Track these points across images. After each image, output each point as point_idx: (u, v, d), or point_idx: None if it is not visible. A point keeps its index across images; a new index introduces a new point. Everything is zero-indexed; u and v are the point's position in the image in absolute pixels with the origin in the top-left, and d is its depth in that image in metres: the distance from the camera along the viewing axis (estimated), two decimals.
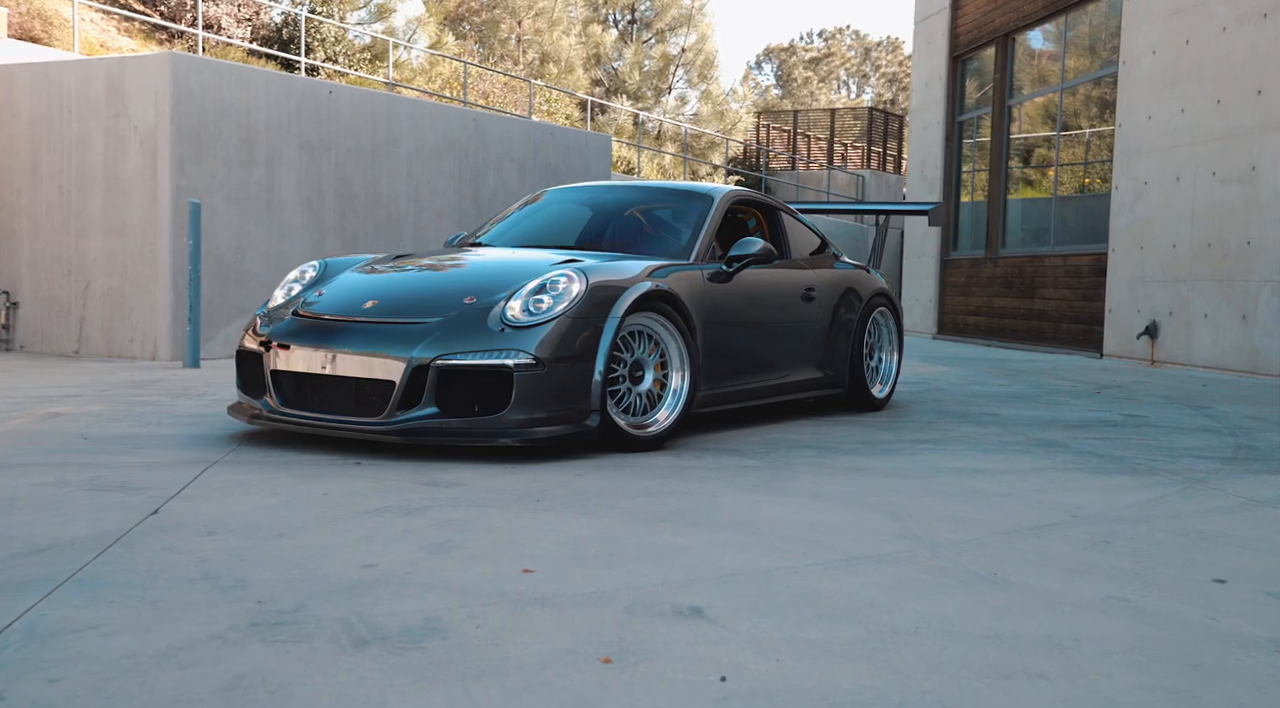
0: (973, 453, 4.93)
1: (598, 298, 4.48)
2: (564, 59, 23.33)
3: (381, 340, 4.36)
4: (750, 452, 4.83)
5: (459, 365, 4.26)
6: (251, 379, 4.74)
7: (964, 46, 15.32)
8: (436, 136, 10.48)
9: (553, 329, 4.33)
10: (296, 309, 4.68)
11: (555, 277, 4.52)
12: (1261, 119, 9.21)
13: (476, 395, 4.30)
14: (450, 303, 4.47)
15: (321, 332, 4.50)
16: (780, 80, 64.60)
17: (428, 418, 4.27)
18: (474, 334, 4.31)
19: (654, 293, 4.68)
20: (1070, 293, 12.34)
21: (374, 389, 4.33)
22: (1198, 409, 6.84)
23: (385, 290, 4.70)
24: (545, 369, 4.28)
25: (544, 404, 4.32)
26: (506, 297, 4.44)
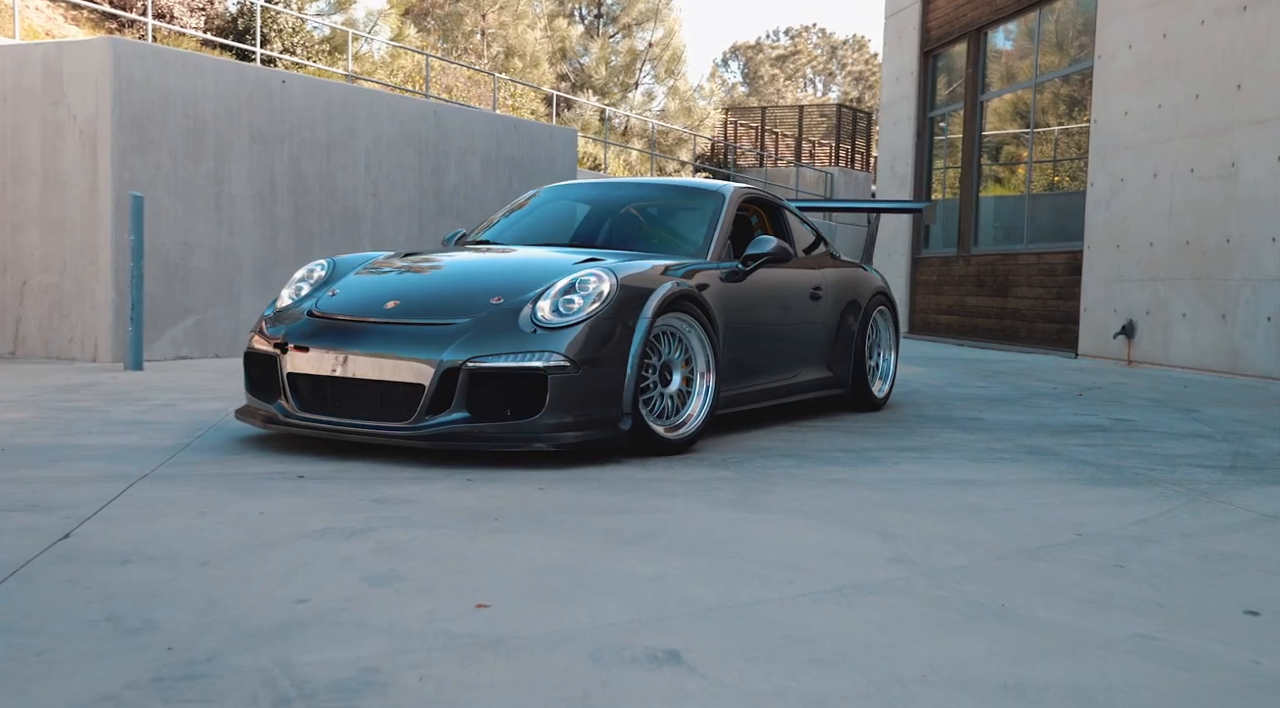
0: (961, 462, 4.64)
1: (628, 298, 4.36)
2: (529, 53, 22.93)
3: (408, 342, 4.21)
4: (724, 462, 4.52)
5: (491, 368, 4.12)
6: (262, 382, 4.56)
7: (935, 41, 15.10)
8: (395, 128, 10.11)
9: (585, 330, 4.20)
10: (311, 310, 4.51)
11: (584, 276, 4.38)
12: (1241, 114, 9.01)
13: (508, 399, 4.16)
14: (477, 303, 4.33)
15: (341, 333, 4.34)
16: (747, 78, 64.46)
17: (458, 423, 4.13)
18: (505, 336, 4.17)
19: (683, 293, 4.59)
20: (1044, 292, 12.13)
21: (401, 393, 4.18)
22: (1185, 413, 6.60)
23: (406, 290, 4.55)
24: (579, 371, 4.15)
25: (577, 408, 4.19)
26: (535, 297, 4.31)
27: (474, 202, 10.94)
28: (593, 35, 26.81)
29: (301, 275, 4.88)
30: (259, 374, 4.59)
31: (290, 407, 4.38)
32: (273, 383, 4.50)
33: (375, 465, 4.21)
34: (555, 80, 25.27)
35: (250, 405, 4.65)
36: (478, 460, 4.32)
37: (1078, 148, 12.17)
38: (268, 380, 4.53)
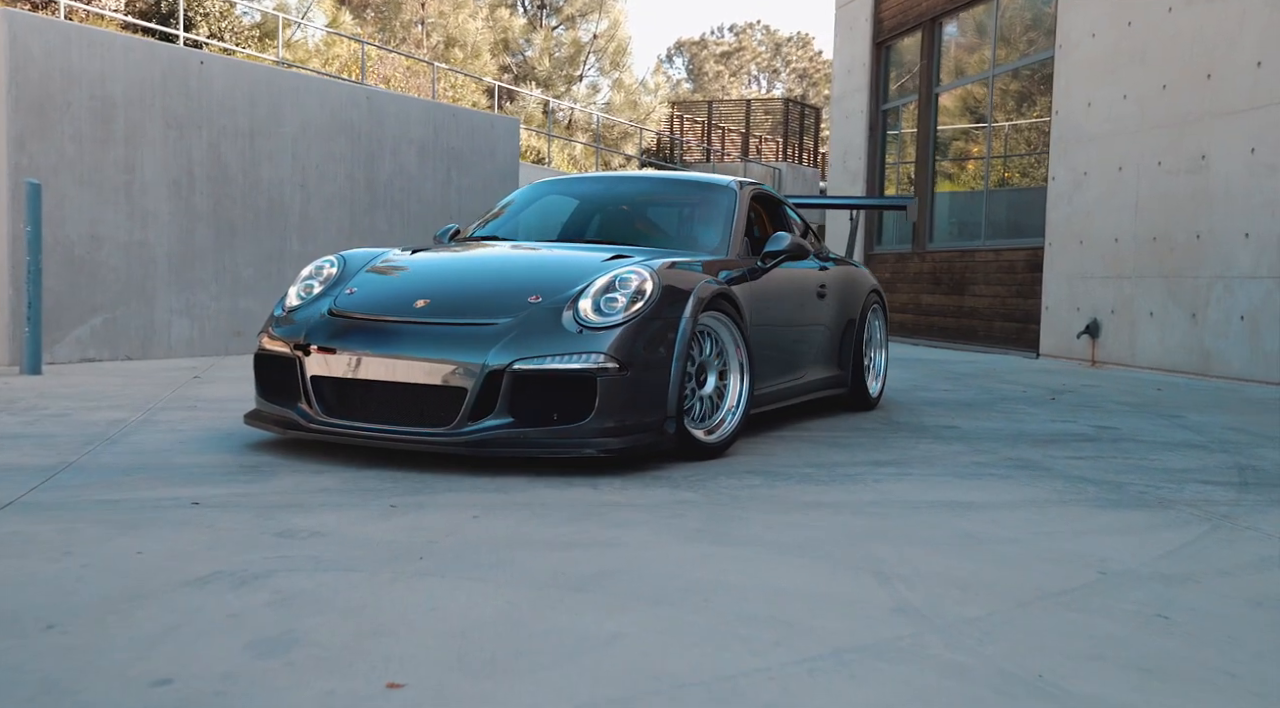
0: (945, 480, 4.18)
1: (669, 296, 4.20)
2: (470, 44, 22.24)
3: (446, 343, 4.01)
4: (685, 481, 4.02)
5: (539, 370, 3.93)
6: (277, 386, 4.34)
7: (888, 32, 14.72)
8: (325, 115, 9.48)
9: (630, 330, 4.03)
10: (330, 309, 4.30)
11: (624, 274, 4.20)
12: (1211, 105, 8.67)
13: (554, 403, 3.97)
14: (514, 302, 4.13)
15: (371, 334, 4.13)
16: (691, 74, 64.19)
17: (502, 428, 3.93)
18: (550, 336, 3.98)
19: (719, 291, 4.45)
20: (1003, 290, 11.77)
21: (440, 397, 3.97)
22: (1169, 419, 6.21)
23: (434, 289, 4.34)
24: (627, 373, 3.98)
25: (625, 411, 4.01)
26: (575, 296, 4.13)
27: (410, 194, 10.35)
28: (536, 26, 26.17)
29: (309, 273, 4.63)
30: (273, 377, 4.36)
31: (314, 412, 4.15)
32: (290, 387, 4.26)
33: (285, 489, 3.66)
34: (498, 72, 24.61)
35: (263, 411, 4.40)
36: (404, 491, 3.78)
37: (1038, 141, 11.83)
38: (284, 384, 4.29)
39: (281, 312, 4.47)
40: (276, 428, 4.31)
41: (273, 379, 4.38)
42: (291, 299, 4.53)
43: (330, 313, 4.29)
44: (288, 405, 4.27)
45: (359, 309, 4.28)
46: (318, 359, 4.15)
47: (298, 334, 4.25)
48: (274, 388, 4.38)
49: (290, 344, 4.25)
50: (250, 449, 4.43)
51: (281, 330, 4.35)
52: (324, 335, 4.19)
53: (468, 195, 10.96)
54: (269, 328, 4.43)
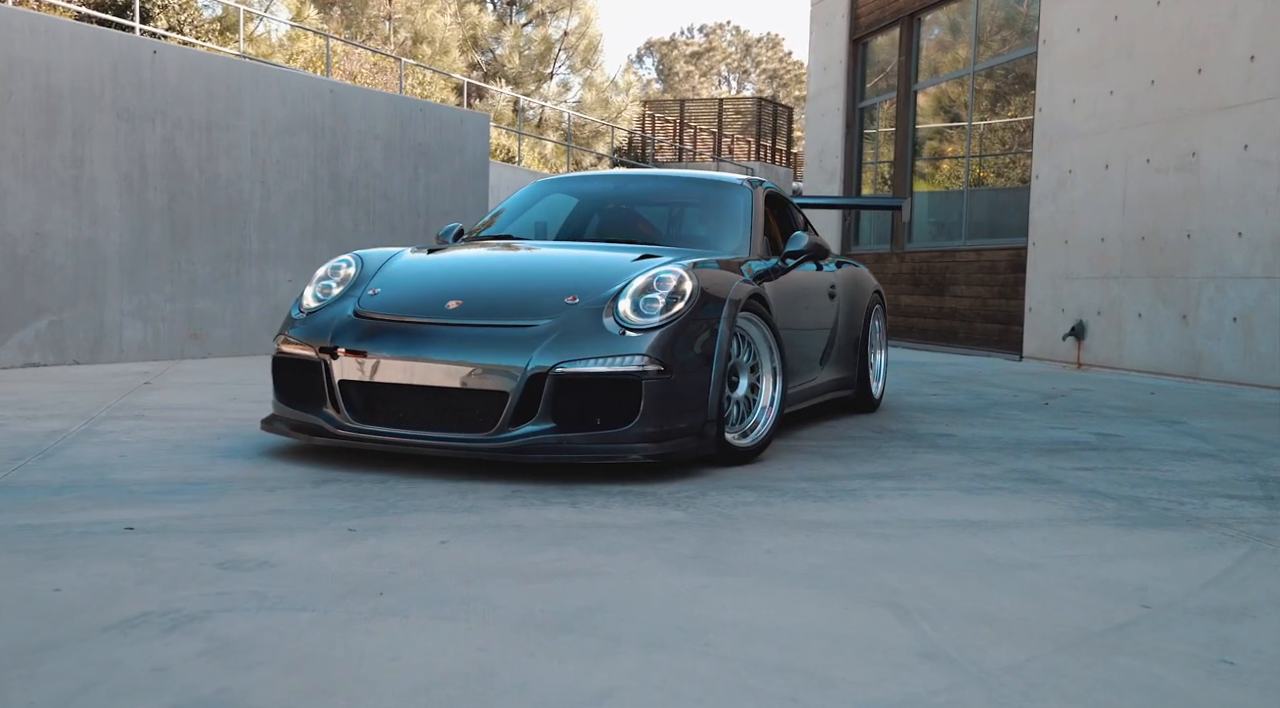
0: (951, 495, 3.88)
1: (707, 297, 4.10)
2: (438, 40, 21.80)
3: (484, 346, 3.89)
4: (672, 498, 3.70)
5: (583, 374, 3.81)
6: (299, 390, 4.18)
7: (865, 28, 14.46)
8: (286, 109, 9.10)
9: (672, 332, 3.93)
10: (355, 310, 4.16)
11: (662, 274, 4.10)
12: (1202, 101, 8.45)
13: (597, 407, 3.86)
14: (551, 304, 4.02)
15: (402, 336, 4.00)
16: (661, 74, 63.99)
17: (545, 433, 3.81)
18: (592, 338, 3.87)
19: (754, 292, 4.38)
20: (985, 290, 11.53)
21: (479, 401, 3.86)
22: (1170, 425, 5.95)
23: (465, 290, 4.21)
24: (671, 376, 3.89)
25: (669, 415, 3.92)
26: (612, 296, 4.03)
27: (376, 191, 9.98)
28: (505, 23, 25.76)
29: (325, 274, 4.49)
30: (294, 382, 4.21)
31: (342, 417, 4.01)
32: (314, 391, 4.11)
33: (233, 510, 3.31)
34: (466, 69, 24.17)
35: (283, 416, 4.25)
36: (363, 510, 3.44)
37: (1020, 139, 11.60)
38: (307, 388, 4.14)
39: (300, 314, 4.31)
40: (298, 434, 4.16)
41: (293, 384, 4.22)
42: (309, 301, 4.36)
43: (356, 314, 4.15)
44: (311, 411, 4.11)
45: (387, 310, 4.13)
46: (345, 363, 4.01)
47: (322, 337, 4.09)
48: (295, 393, 4.21)
49: (315, 347, 4.09)
50: (199, 463, 4.07)
51: (302, 333, 4.19)
52: (352, 338, 4.04)
53: (436, 193, 10.60)
54: (286, 331, 4.28)
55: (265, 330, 9.01)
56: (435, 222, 10.58)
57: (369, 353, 3.99)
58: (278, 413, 4.31)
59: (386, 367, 3.96)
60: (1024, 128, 11.31)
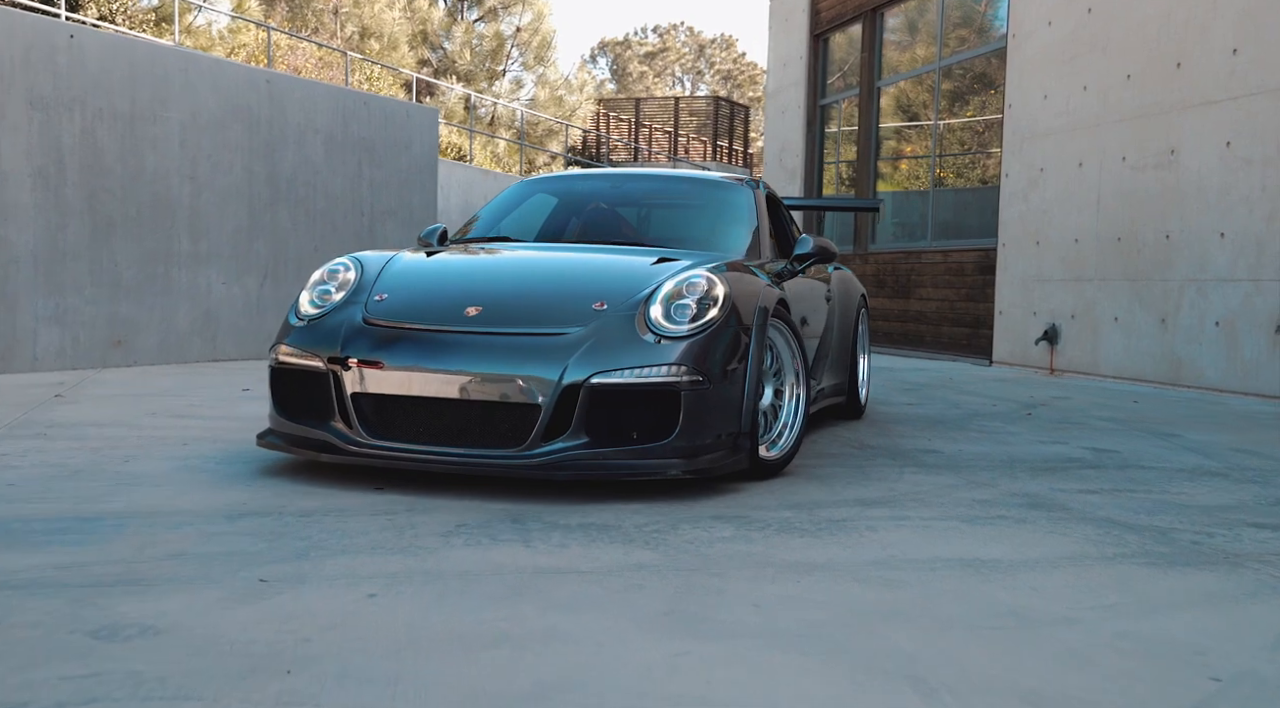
0: (952, 526, 3.45)
1: (739, 303, 3.90)
2: (387, 35, 21.17)
3: (513, 355, 3.66)
4: (639, 533, 3.24)
5: (619, 385, 3.61)
6: (303, 404, 3.91)
7: (827, 23, 14.09)
8: (218, 100, 8.53)
9: (708, 340, 3.73)
10: (364, 318, 3.89)
11: (692, 278, 3.90)
12: (1182, 96, 8.12)
13: (632, 420, 3.65)
14: (578, 310, 3.81)
15: (422, 346, 3.75)
16: (615, 74, 63.61)
17: (578, 449, 3.58)
18: (627, 347, 3.67)
19: (780, 298, 4.21)
20: (952, 293, 11.18)
21: (508, 415, 3.63)
22: (1166, 439, 5.58)
23: (484, 295, 3.98)
24: (710, 387, 3.69)
25: (708, 428, 3.72)
26: (642, 302, 3.82)
27: (317, 188, 9.43)
28: (456, 18, 25.13)
29: (321, 278, 4.21)
30: (296, 394, 3.93)
31: (354, 433, 3.74)
32: (320, 405, 3.84)
33: (126, 555, 2.80)
34: (416, 65, 23.54)
35: (283, 431, 3.96)
36: (279, 552, 2.95)
37: (988, 136, 11.27)
38: (312, 402, 3.87)
39: (299, 321, 4.04)
40: (303, 451, 3.88)
41: (296, 396, 3.94)
42: (306, 307, 4.09)
43: (366, 322, 3.89)
44: (318, 426, 3.84)
45: (400, 318, 3.88)
46: (357, 374, 3.76)
47: (330, 346, 3.83)
48: (297, 406, 3.93)
49: (322, 357, 3.83)
50: (98, 493, 3.56)
51: (305, 341, 3.92)
52: (365, 347, 3.77)
53: (382, 190, 10.07)
54: (284, 339, 4.01)
55: (197, 336, 8.45)
56: (380, 221, 10.05)
57: (384, 364, 3.72)
58: (275, 427, 4.02)
59: (403, 378, 3.70)
60: (992, 125, 10.97)
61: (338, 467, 4.15)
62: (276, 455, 4.36)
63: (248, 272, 8.86)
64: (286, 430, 3.96)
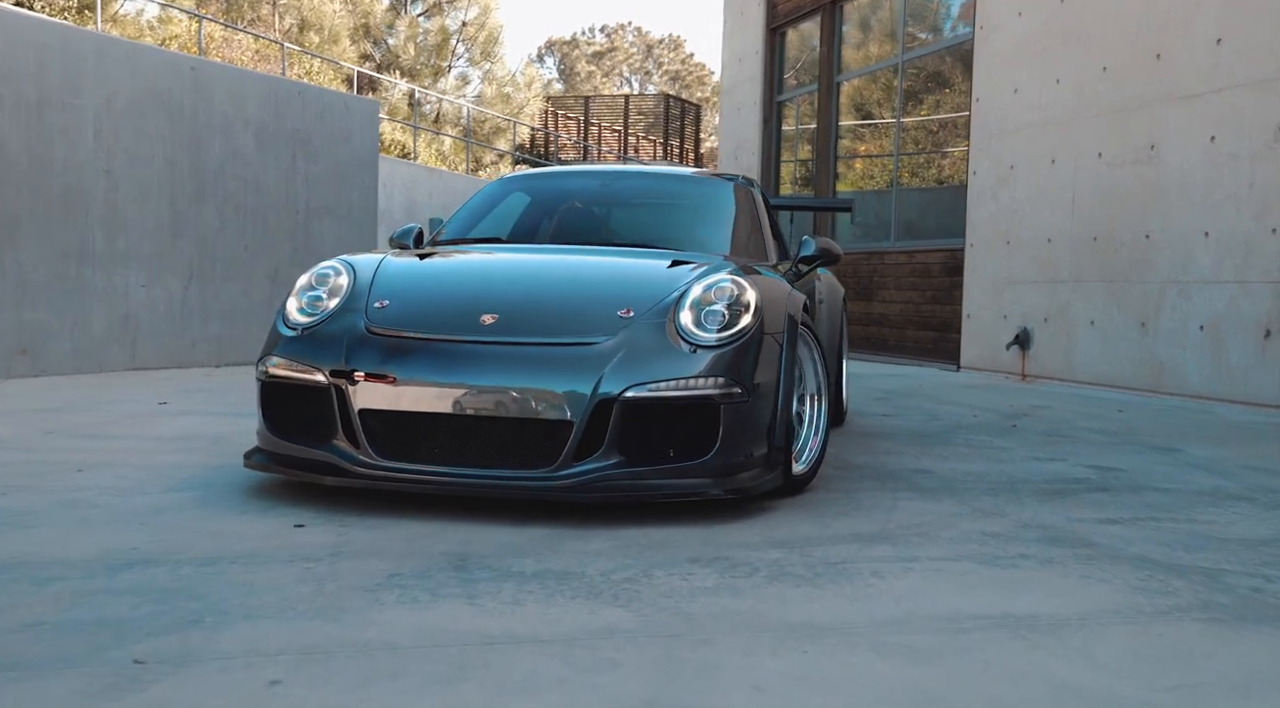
0: (968, 569, 2.97)
1: (769, 309, 3.67)
2: (327, 28, 20.43)
3: (541, 368, 3.40)
4: (605, 581, 2.72)
5: (656, 399, 3.36)
6: (300, 421, 3.57)
7: (784, 16, 13.66)
8: (137, 87, 7.89)
9: (742, 349, 3.50)
10: (368, 327, 3.58)
11: (720, 282, 3.66)
12: (1162, 88, 7.75)
13: (667, 436, 3.41)
14: (602, 317, 3.55)
15: (436, 357, 3.46)
16: (563, 74, 63.13)
17: (612, 468, 3.32)
18: (662, 357, 3.42)
19: (804, 303, 4.04)
20: (917, 295, 10.77)
21: (536, 433, 3.37)
22: (1168, 454, 5.16)
23: (496, 301, 3.68)
24: (748, 399, 3.46)
25: (745, 444, 3.48)
26: (669, 309, 3.57)
27: (246, 183, 8.81)
28: (399, 12, 24.41)
29: (309, 283, 3.86)
30: (291, 411, 3.60)
31: (363, 453, 3.42)
32: (321, 422, 3.51)
33: None
34: (358, 59, 22.83)
35: (276, 451, 3.62)
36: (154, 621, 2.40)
37: (954, 132, 10.88)
38: (310, 419, 3.54)
39: (290, 330, 3.69)
40: (297, 473, 3.55)
41: (291, 413, 3.61)
42: (296, 315, 3.74)
43: (370, 332, 3.57)
44: (319, 446, 3.51)
45: (407, 327, 3.58)
46: (365, 389, 3.43)
47: (332, 358, 3.51)
48: (293, 424, 3.60)
49: (323, 371, 3.50)
50: None
51: (300, 353, 3.58)
52: (373, 360, 3.46)
53: (318, 186, 9.46)
54: (274, 350, 3.66)
55: (114, 343, 7.81)
56: (316, 217, 9.44)
57: (396, 378, 3.41)
58: (265, 446, 3.68)
59: (417, 393, 3.40)
60: (958, 122, 10.58)
61: (257, 499, 3.61)
62: (184, 485, 3.80)
63: (171, 272, 8.23)
64: (278, 450, 3.63)
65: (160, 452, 4.48)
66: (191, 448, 4.63)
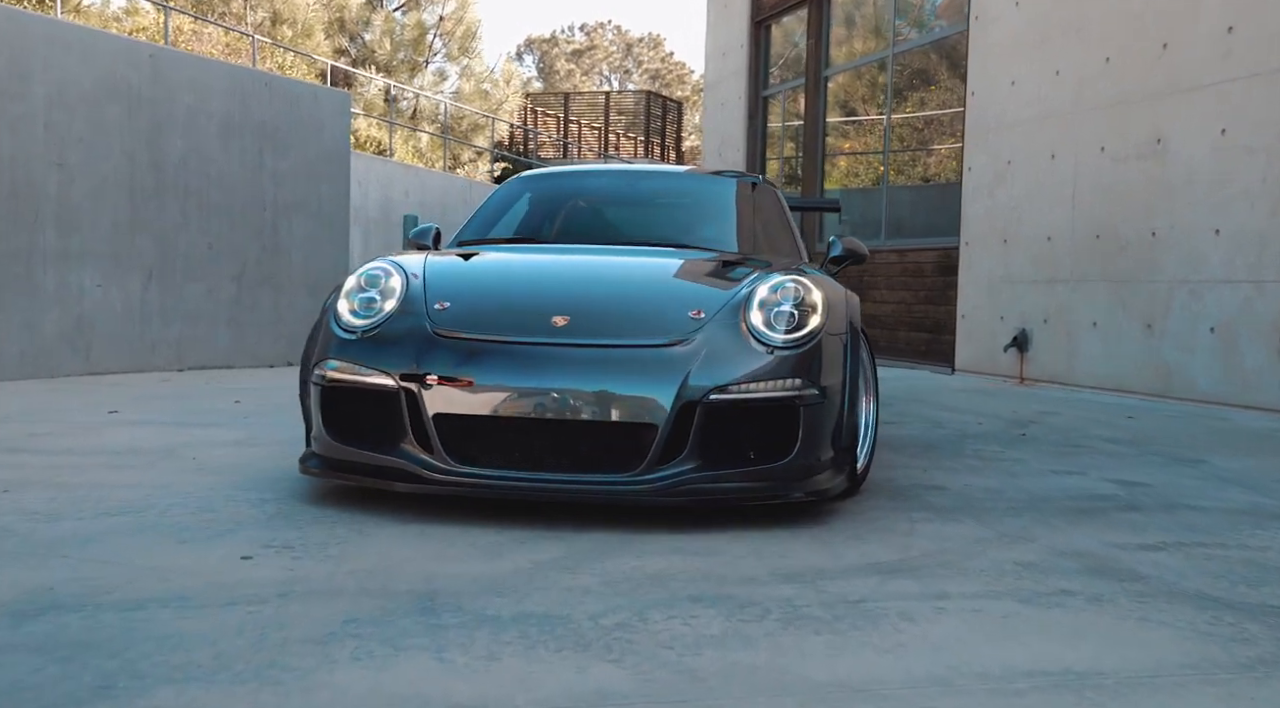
0: (1008, 608, 2.61)
1: (833, 311, 3.65)
2: (301, 22, 19.95)
3: (623, 370, 3.38)
4: (596, 632, 2.35)
5: (738, 401, 3.35)
6: (365, 426, 3.49)
7: (769, 9, 13.30)
8: (92, 76, 7.47)
9: (815, 350, 3.49)
10: (435, 329, 3.51)
11: (783, 283, 3.63)
12: (1169, 79, 7.43)
13: (749, 439, 3.39)
14: (676, 318, 3.53)
15: (514, 360, 3.42)
16: (542, 72, 62.76)
17: (695, 471, 3.29)
18: (740, 359, 3.41)
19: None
20: (909, 295, 10.43)
21: (619, 436, 3.34)
22: (1193, 466, 4.82)
23: (566, 303, 3.64)
24: (825, 401, 3.46)
25: (821, 446, 3.47)
26: (740, 309, 3.54)
27: (210, 178, 8.39)
28: (375, 6, 23.94)
29: (360, 284, 3.75)
30: (358, 415, 3.51)
31: (439, 459, 3.34)
32: (389, 427, 3.42)
33: None
34: (333, 54, 22.34)
35: (334, 456, 3.53)
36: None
37: (947, 128, 10.54)
38: (375, 424, 3.45)
39: (346, 333, 3.59)
40: (362, 479, 3.48)
41: (356, 418, 3.51)
42: (349, 318, 3.63)
43: (437, 334, 3.48)
44: (388, 451, 3.41)
45: (476, 329, 3.50)
46: (439, 393, 3.35)
47: (402, 361, 3.42)
48: (358, 429, 3.50)
49: (393, 375, 3.41)
50: None
51: (363, 356, 3.49)
52: (448, 363, 3.38)
53: (287, 181, 9.04)
54: (330, 353, 3.57)
55: (67, 346, 7.38)
56: (285, 213, 9.02)
57: (473, 381, 3.34)
58: (322, 452, 3.59)
59: (495, 397, 3.34)
60: (952, 117, 10.25)
61: (201, 525, 3.22)
62: (121, 507, 3.41)
63: (129, 272, 7.80)
64: (338, 456, 3.54)
65: (100, 468, 4.08)
66: (136, 463, 4.23)
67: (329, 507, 3.54)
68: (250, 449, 4.65)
